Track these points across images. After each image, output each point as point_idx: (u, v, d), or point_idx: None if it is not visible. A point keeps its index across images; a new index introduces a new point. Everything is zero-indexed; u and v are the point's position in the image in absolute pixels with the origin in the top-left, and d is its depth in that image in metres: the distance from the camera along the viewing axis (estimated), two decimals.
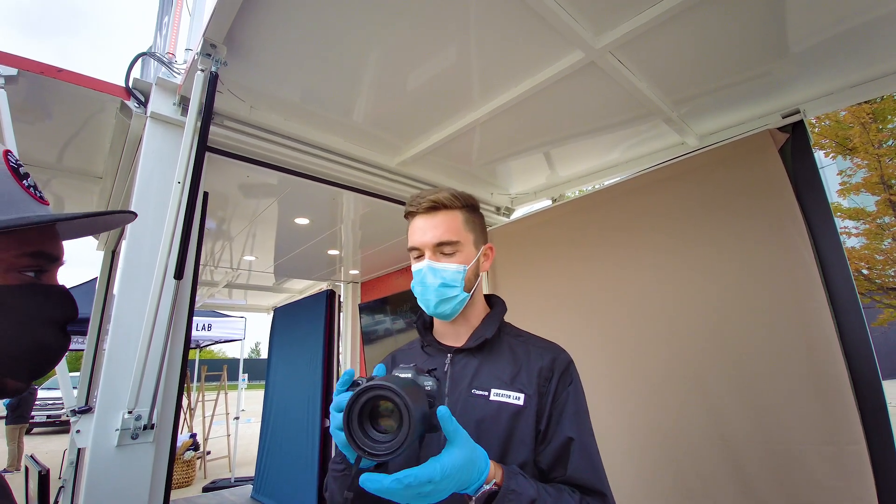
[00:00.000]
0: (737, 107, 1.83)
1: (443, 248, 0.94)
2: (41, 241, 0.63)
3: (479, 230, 1.01)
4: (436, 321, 1.05)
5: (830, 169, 9.01)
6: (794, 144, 1.63)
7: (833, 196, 8.62)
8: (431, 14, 1.30)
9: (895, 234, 7.72)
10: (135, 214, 0.72)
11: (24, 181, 0.63)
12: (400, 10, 1.28)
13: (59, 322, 0.64)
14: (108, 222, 0.73)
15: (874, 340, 1.41)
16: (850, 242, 8.50)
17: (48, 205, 0.65)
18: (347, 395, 0.70)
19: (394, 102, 1.76)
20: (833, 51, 1.48)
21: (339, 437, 0.72)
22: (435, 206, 0.96)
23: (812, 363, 1.47)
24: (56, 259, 0.65)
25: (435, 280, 0.93)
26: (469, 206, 0.99)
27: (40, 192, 0.65)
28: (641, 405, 1.90)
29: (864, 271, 8.00)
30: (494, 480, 0.74)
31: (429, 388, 0.74)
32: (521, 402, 0.88)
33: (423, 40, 1.41)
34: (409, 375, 0.74)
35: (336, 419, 0.72)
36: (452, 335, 1.01)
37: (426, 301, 0.95)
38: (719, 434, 1.66)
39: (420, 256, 0.97)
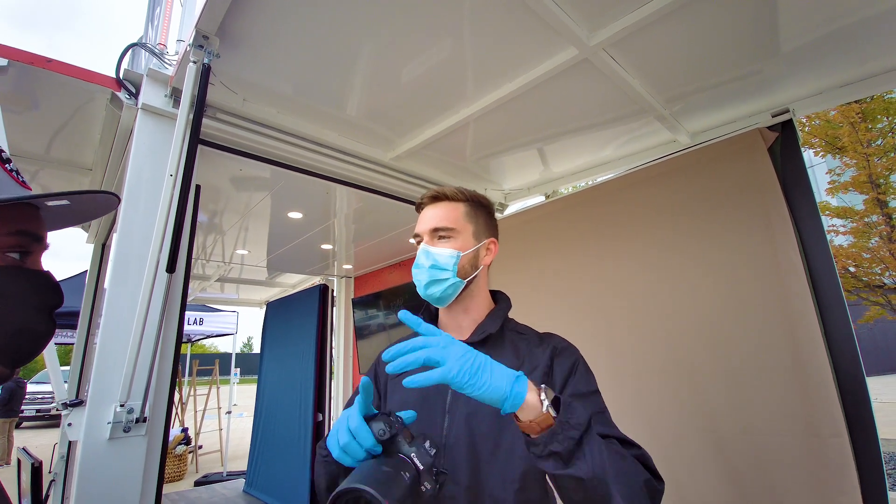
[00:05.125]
0: (728, 105, 1.85)
1: (438, 233, 0.99)
2: (23, 220, 0.62)
3: (483, 225, 1.04)
4: (440, 313, 1.06)
5: (820, 168, 9.11)
6: (784, 143, 1.65)
7: (822, 195, 8.72)
8: (426, 8, 1.29)
9: (882, 232, 7.84)
10: (118, 198, 0.70)
11: (7, 165, 0.62)
12: (394, 3, 1.27)
13: (45, 307, 0.63)
14: (92, 208, 0.72)
15: (861, 337, 1.44)
16: (838, 240, 8.63)
17: (31, 189, 0.64)
18: (364, 431, 0.72)
19: (388, 96, 1.76)
20: (823, 50, 1.49)
21: (335, 450, 0.73)
22: (437, 197, 1.02)
23: (797, 358, 1.50)
24: (39, 239, 0.64)
25: (427, 261, 0.97)
26: (474, 202, 1.03)
27: (23, 178, 0.64)
28: (632, 396, 1.93)
29: (852, 269, 8.12)
30: (546, 403, 0.68)
31: (425, 489, 0.72)
32: None
33: (417, 34, 1.40)
34: (422, 467, 0.72)
35: (343, 435, 0.73)
36: (455, 328, 1.03)
37: (419, 281, 0.99)
38: (706, 424, 1.69)
39: (421, 242, 1.02)
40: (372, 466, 0.69)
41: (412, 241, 1.05)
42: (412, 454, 0.73)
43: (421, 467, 0.72)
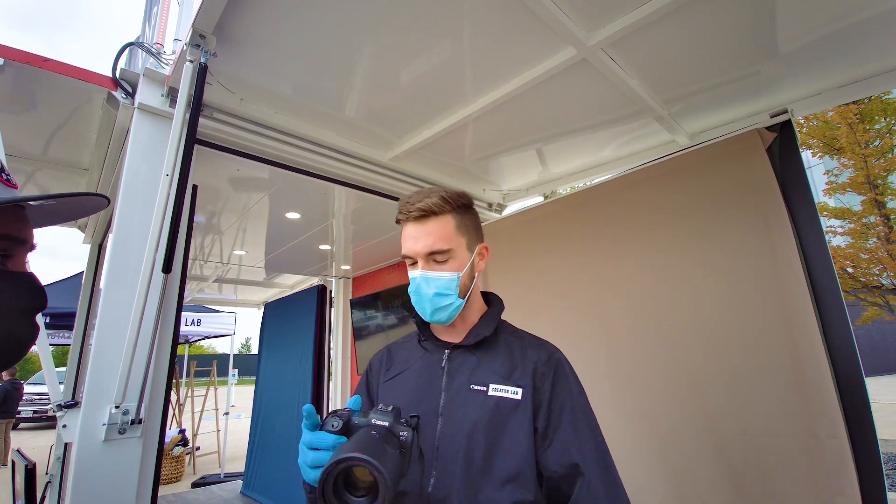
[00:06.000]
0: (726, 106, 1.84)
1: (435, 257, 0.93)
2: (6, 222, 0.60)
3: (473, 231, 0.99)
4: None
5: (818, 168, 9.14)
6: (782, 144, 1.65)
7: (820, 195, 8.75)
8: (425, 8, 1.29)
9: (880, 233, 7.86)
10: (107, 199, 0.68)
11: None
12: (393, 3, 1.27)
13: (27, 311, 0.61)
14: (79, 208, 0.70)
15: (859, 338, 1.44)
16: (835, 241, 8.64)
17: (16, 188, 0.63)
18: (320, 436, 0.72)
19: (386, 97, 1.75)
20: (822, 51, 1.49)
21: (309, 474, 0.73)
22: (425, 214, 0.93)
23: (796, 358, 1.50)
24: (23, 242, 0.62)
25: (429, 289, 0.92)
26: (461, 207, 0.97)
27: (7, 175, 0.62)
28: (632, 396, 1.93)
29: (850, 269, 8.14)
30: None
31: (404, 437, 0.73)
32: (518, 397, 0.89)
33: (416, 35, 1.40)
34: (387, 423, 0.73)
35: (308, 456, 0.73)
36: (450, 332, 1.02)
37: (422, 310, 0.95)
38: (705, 424, 1.69)
39: (414, 264, 0.96)
40: (341, 445, 0.70)
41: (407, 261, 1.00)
42: (372, 420, 0.74)
43: (386, 424, 0.73)
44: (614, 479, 0.84)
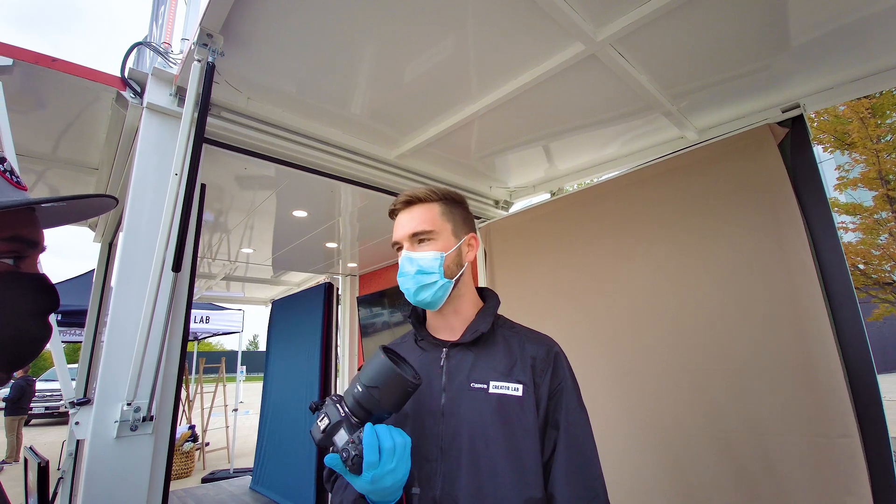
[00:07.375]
0: (736, 101, 1.82)
1: (419, 237, 0.98)
2: (18, 225, 0.60)
3: (461, 221, 1.03)
4: (429, 315, 1.05)
5: (828, 164, 9.04)
6: (794, 139, 1.63)
7: (830, 191, 8.64)
8: (430, 5, 1.28)
9: (891, 229, 7.75)
10: (115, 200, 0.69)
11: (0, 165, 0.61)
12: (398, 1, 1.26)
13: (40, 312, 0.62)
14: (88, 208, 0.70)
15: (869, 335, 1.42)
16: (846, 237, 8.55)
17: (26, 190, 0.63)
18: (383, 433, 0.80)
19: (392, 95, 1.75)
20: (833, 45, 1.47)
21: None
22: (411, 201, 1.00)
23: (807, 357, 1.48)
24: (35, 244, 0.63)
25: (412, 268, 0.96)
26: (447, 199, 1.02)
27: (17, 177, 0.62)
28: (638, 395, 1.92)
29: (861, 266, 8.04)
30: None
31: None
32: (519, 393, 0.89)
33: (421, 32, 1.39)
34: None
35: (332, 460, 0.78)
36: (446, 329, 1.01)
37: (407, 289, 0.98)
38: (714, 424, 1.68)
39: (401, 249, 1.00)
40: (360, 375, 0.84)
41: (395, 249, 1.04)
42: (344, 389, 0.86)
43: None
44: None
